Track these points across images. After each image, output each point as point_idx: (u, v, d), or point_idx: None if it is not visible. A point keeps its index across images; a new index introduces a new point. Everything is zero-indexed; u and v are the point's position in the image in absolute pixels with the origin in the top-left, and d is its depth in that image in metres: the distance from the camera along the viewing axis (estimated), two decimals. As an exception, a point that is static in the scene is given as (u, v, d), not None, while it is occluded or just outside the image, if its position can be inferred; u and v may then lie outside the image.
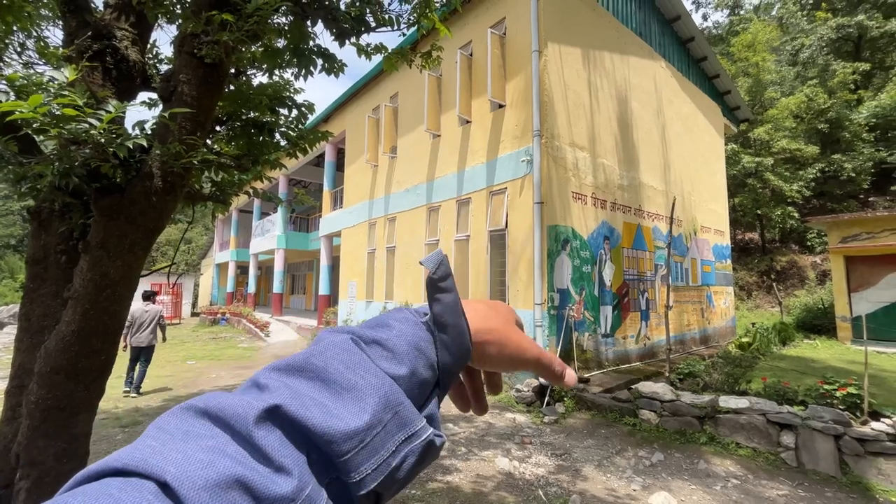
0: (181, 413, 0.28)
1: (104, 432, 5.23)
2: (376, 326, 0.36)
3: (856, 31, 20.14)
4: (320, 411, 0.28)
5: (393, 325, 0.36)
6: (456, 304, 0.37)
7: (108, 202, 1.89)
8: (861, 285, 11.31)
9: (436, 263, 0.38)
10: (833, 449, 4.18)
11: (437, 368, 0.36)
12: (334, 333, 0.35)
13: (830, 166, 17.91)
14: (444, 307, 0.37)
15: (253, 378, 0.31)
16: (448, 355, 0.37)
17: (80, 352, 1.89)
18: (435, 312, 0.37)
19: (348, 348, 0.33)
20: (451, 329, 0.37)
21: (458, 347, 0.37)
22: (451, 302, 0.37)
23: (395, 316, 0.38)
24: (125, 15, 2.44)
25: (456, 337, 0.37)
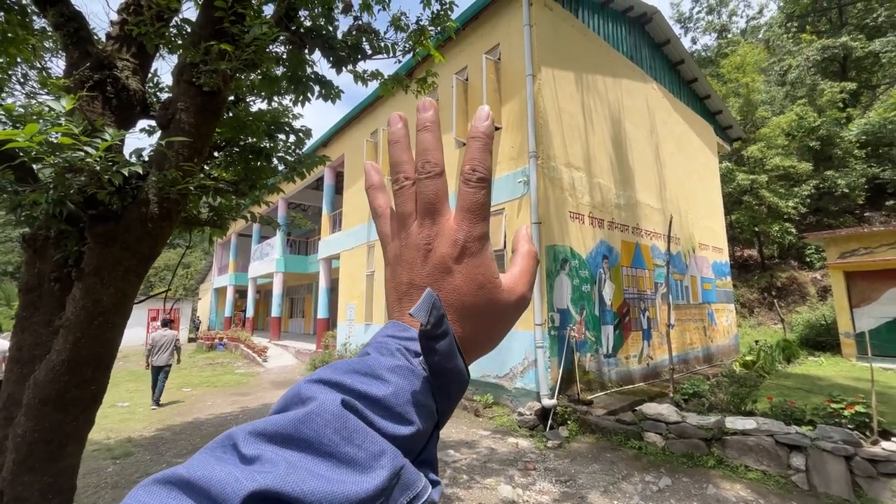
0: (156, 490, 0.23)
1: (94, 465, 5.08)
2: (367, 376, 0.31)
3: (841, 52, 20.71)
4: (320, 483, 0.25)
5: (387, 378, 0.31)
6: (452, 348, 0.33)
7: (104, 229, 1.89)
8: (862, 301, 11.26)
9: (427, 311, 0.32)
10: (844, 471, 4.06)
11: (436, 414, 0.33)
12: (320, 389, 0.30)
13: (824, 182, 18.10)
14: (441, 356, 0.33)
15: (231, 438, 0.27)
16: (447, 400, 0.34)
17: (70, 382, 1.85)
18: (431, 364, 0.33)
19: (341, 415, 0.28)
20: (448, 373, 0.33)
21: (457, 387, 0.34)
22: (446, 348, 0.33)
23: (385, 364, 0.32)
24: (126, 46, 2.49)
25: (454, 379, 0.34)
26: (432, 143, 0.38)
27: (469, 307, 0.36)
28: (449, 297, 0.36)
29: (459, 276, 0.36)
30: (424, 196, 0.37)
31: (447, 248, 0.36)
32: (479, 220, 0.37)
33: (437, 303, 0.32)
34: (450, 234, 0.36)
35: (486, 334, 0.38)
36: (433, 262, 0.37)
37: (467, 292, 0.36)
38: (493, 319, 0.38)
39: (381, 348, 0.34)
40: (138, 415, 7.68)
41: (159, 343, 8.30)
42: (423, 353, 0.33)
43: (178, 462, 5.06)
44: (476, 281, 0.36)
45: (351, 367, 0.32)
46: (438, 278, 0.36)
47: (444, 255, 0.36)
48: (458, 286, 0.36)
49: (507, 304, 0.38)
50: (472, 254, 0.36)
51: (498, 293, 0.37)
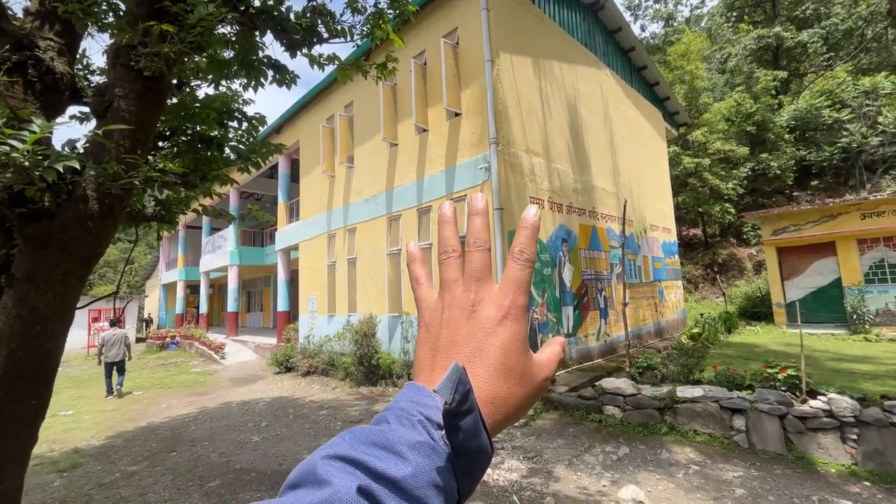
0: None
1: (37, 480, 4.72)
2: (386, 450, 0.30)
3: (774, 42, 22.15)
4: None
5: (407, 455, 0.30)
6: (477, 425, 0.32)
7: (36, 229, 1.72)
8: (792, 273, 12.35)
9: (452, 387, 0.31)
10: (779, 428, 4.50)
11: (457, 495, 0.32)
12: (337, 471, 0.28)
13: (759, 165, 19.51)
14: (466, 434, 0.31)
15: None
16: (469, 479, 0.33)
17: (6, 398, 1.69)
18: (455, 444, 0.32)
19: None
20: (472, 452, 0.32)
21: (480, 466, 0.33)
22: (471, 425, 0.31)
23: (406, 439, 0.31)
24: (49, 23, 2.24)
25: (477, 458, 0.33)
26: (482, 226, 0.42)
27: (507, 369, 0.38)
28: (488, 353, 0.38)
29: (501, 337, 0.38)
30: (472, 265, 0.41)
31: (492, 311, 0.39)
32: (523, 293, 0.40)
33: (463, 377, 0.32)
34: (495, 300, 0.40)
35: (512, 403, 0.38)
36: (477, 322, 0.39)
37: (507, 353, 0.38)
38: (523, 387, 0.39)
39: (401, 417, 0.33)
40: (84, 423, 7.19)
41: (109, 341, 9.00)
42: (446, 432, 0.32)
43: (132, 471, 4.81)
44: (517, 345, 0.39)
45: (370, 439, 0.31)
46: (480, 337, 0.38)
47: (489, 316, 0.39)
48: (499, 346, 0.38)
49: (537, 377, 0.40)
50: (514, 319, 0.39)
51: (532, 363, 0.40)
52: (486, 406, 0.36)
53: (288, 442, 5.57)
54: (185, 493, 4.26)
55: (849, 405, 4.27)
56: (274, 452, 5.21)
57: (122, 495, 4.28)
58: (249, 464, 4.89)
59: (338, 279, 10.67)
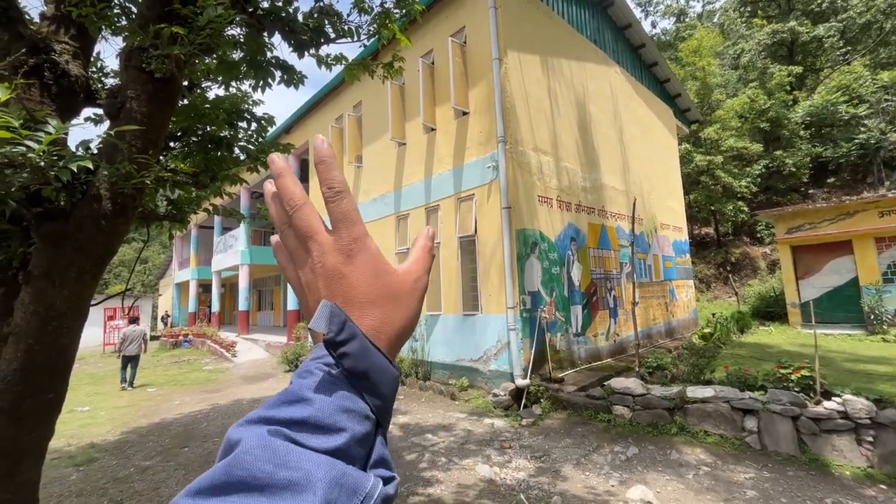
0: None
1: (55, 473, 4.84)
2: (292, 402, 0.32)
3: (789, 37, 21.73)
4: None
5: (310, 396, 0.32)
6: (363, 346, 0.35)
7: (52, 228, 1.76)
8: (807, 273, 12.11)
9: (326, 319, 0.34)
10: (792, 430, 4.42)
11: (372, 414, 0.34)
12: (247, 429, 0.30)
13: (773, 162, 19.16)
14: (354, 358, 0.34)
15: None
16: (378, 397, 0.35)
17: (24, 392, 1.74)
18: (348, 368, 0.34)
19: (269, 444, 0.29)
20: (370, 372, 0.34)
21: (386, 382, 0.36)
22: (357, 348, 0.34)
23: (306, 385, 0.33)
24: (64, 27, 2.29)
25: (379, 374, 0.35)
26: (290, 184, 0.40)
27: (370, 297, 0.39)
28: (348, 293, 0.38)
29: (353, 275, 0.39)
30: (298, 227, 0.40)
31: (333, 258, 0.39)
32: (351, 225, 0.39)
33: (335, 310, 0.34)
34: (331, 246, 0.39)
35: (396, 319, 0.39)
36: (326, 274, 0.39)
37: (363, 283, 0.39)
38: (396, 302, 0.40)
39: (301, 373, 0.35)
40: (100, 419, 7.35)
41: (130, 337, 9.88)
42: (335, 361, 0.34)
43: (146, 465, 4.90)
44: (368, 272, 0.39)
45: (277, 400, 0.33)
46: (335, 285, 0.39)
47: (333, 263, 0.39)
48: (353, 283, 0.38)
49: (406, 285, 0.41)
50: (357, 252, 0.39)
51: (393, 278, 0.40)
52: (372, 332, 0.37)
53: (297, 439, 5.62)
54: (197, 487, 4.33)
55: (864, 406, 4.18)
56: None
57: (136, 489, 4.37)
58: (260, 460, 4.95)
59: (347, 278, 10.73)
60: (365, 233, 0.40)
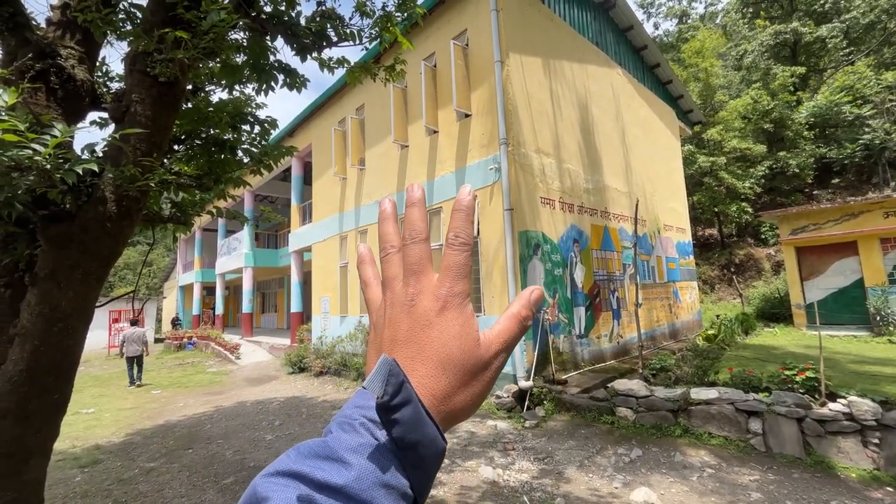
0: None
1: (60, 475, 4.87)
2: (328, 460, 0.29)
3: (792, 37, 21.67)
4: None
5: (349, 460, 0.29)
6: (417, 415, 0.31)
7: (57, 230, 1.79)
8: (812, 274, 12.03)
9: (382, 380, 0.30)
10: (797, 432, 4.39)
11: (410, 491, 0.31)
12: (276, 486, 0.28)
13: (777, 163, 19.08)
14: (406, 427, 0.30)
15: None
16: (420, 473, 0.31)
17: (30, 392, 1.76)
18: (396, 437, 0.30)
19: None
20: (417, 445, 0.31)
21: (432, 458, 0.32)
22: (410, 417, 0.30)
23: (347, 443, 0.30)
24: (70, 32, 2.33)
25: (426, 447, 0.31)
26: (418, 216, 0.41)
27: (445, 360, 0.36)
28: (426, 349, 0.36)
29: (438, 328, 0.36)
30: (409, 258, 0.39)
31: (429, 303, 0.37)
32: (461, 279, 0.38)
33: (394, 369, 0.31)
34: (432, 290, 0.38)
35: (463, 392, 0.36)
36: (415, 316, 0.37)
37: (445, 343, 0.36)
38: (469, 375, 0.37)
39: (343, 424, 0.32)
40: (105, 420, 7.39)
41: (130, 338, 10.49)
42: (383, 426, 0.31)
43: (150, 467, 4.92)
44: (454, 332, 0.37)
45: (312, 451, 0.30)
46: (419, 332, 0.37)
47: (427, 308, 0.37)
48: (435, 338, 0.36)
49: (483, 360, 0.38)
50: (453, 308, 0.37)
51: (475, 347, 0.37)
52: (429, 400, 0.34)
53: (301, 441, 5.61)
54: (200, 489, 4.35)
55: (870, 408, 4.15)
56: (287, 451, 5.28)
57: (140, 490, 4.39)
58: (263, 462, 4.97)
59: (350, 280, 10.76)
60: (468, 293, 0.39)
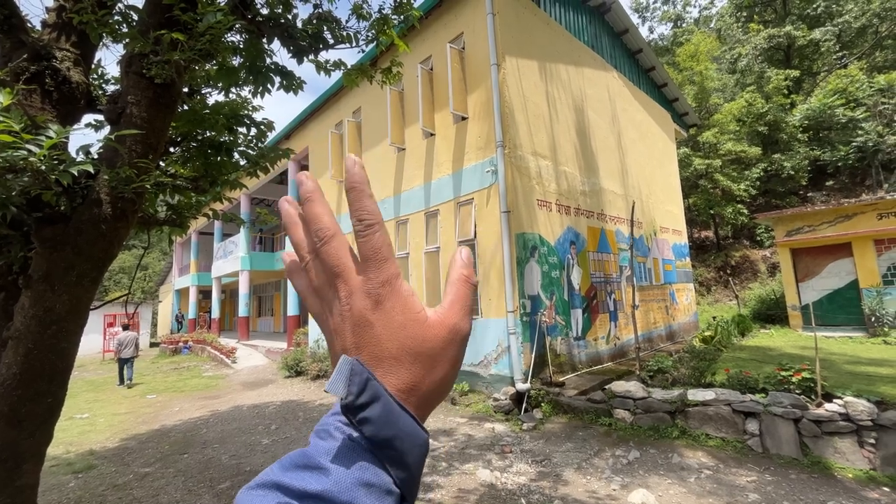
0: None
1: (54, 481, 4.82)
2: (308, 468, 0.29)
3: (785, 41, 21.89)
4: None
5: (326, 465, 0.29)
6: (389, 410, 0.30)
7: (52, 232, 1.77)
8: (807, 275, 12.11)
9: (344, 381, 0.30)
10: (794, 432, 4.40)
11: (396, 487, 0.30)
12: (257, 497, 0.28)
13: (772, 165, 19.22)
14: (377, 424, 0.30)
15: None
16: (403, 467, 0.30)
17: (24, 396, 1.74)
18: (368, 436, 0.29)
19: None
20: (395, 439, 0.30)
21: (414, 450, 0.31)
22: (381, 413, 0.30)
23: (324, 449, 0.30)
24: (66, 35, 2.32)
25: (406, 441, 0.30)
26: (319, 211, 0.36)
27: (396, 352, 0.34)
28: (375, 349, 0.34)
29: (379, 324, 0.34)
30: (326, 263, 0.36)
31: (361, 301, 0.34)
32: (381, 263, 0.35)
33: (356, 367, 0.30)
34: (359, 287, 0.35)
35: (428, 376, 0.34)
36: (354, 320, 0.35)
37: (390, 337, 0.34)
38: (427, 358, 0.35)
39: (320, 432, 0.31)
40: (99, 425, 7.32)
41: (124, 342, 11.40)
42: (354, 427, 0.30)
43: (145, 472, 4.88)
44: (396, 323, 0.34)
45: (292, 462, 0.30)
46: (362, 334, 0.34)
47: (361, 309, 0.34)
48: (379, 335, 0.34)
49: (438, 338, 0.35)
50: (385, 298, 0.34)
51: (424, 329, 0.35)
52: (397, 394, 0.33)
53: (297, 445, 5.60)
54: (196, 494, 4.31)
55: (866, 408, 4.17)
56: (283, 455, 5.24)
57: (135, 496, 4.35)
58: (259, 466, 4.93)
59: (347, 283, 10.73)
60: (396, 273, 0.35)
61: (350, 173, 0.36)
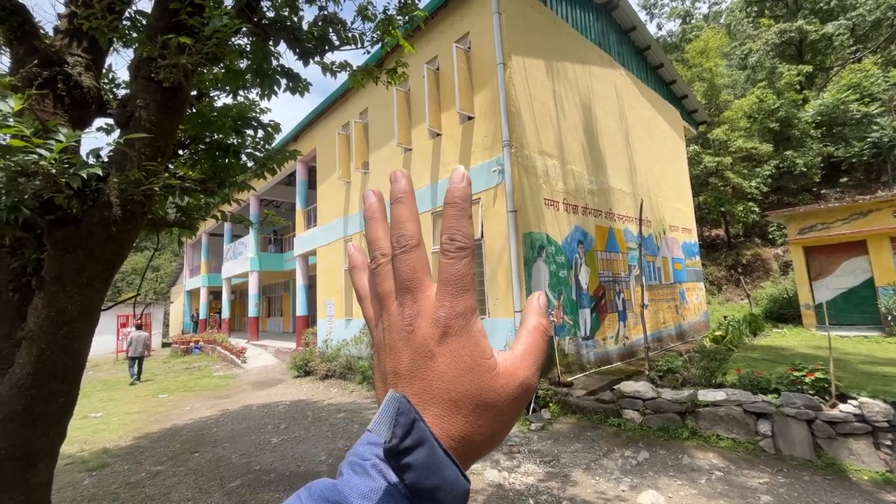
0: None
1: (69, 478, 4.91)
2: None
3: (797, 36, 21.53)
4: None
5: None
6: (434, 458, 0.27)
7: (64, 234, 1.81)
8: (820, 274, 11.89)
9: (390, 422, 0.27)
10: (807, 434, 4.33)
11: None
12: None
13: (784, 162, 18.92)
14: (420, 471, 0.27)
15: None
16: None
17: (37, 395, 1.77)
18: (409, 484, 0.27)
19: None
20: (438, 490, 0.27)
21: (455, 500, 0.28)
22: (425, 460, 0.27)
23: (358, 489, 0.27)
24: (77, 40, 2.36)
25: (448, 491, 0.27)
26: (406, 216, 0.34)
27: (457, 398, 0.31)
28: (433, 386, 0.31)
29: (443, 360, 0.31)
30: (401, 273, 0.33)
31: (428, 329, 0.32)
32: (462, 294, 0.32)
33: (403, 407, 0.28)
34: (431, 313, 0.32)
35: (483, 429, 0.31)
36: (415, 345, 0.32)
37: (453, 379, 0.31)
38: (488, 410, 0.31)
39: (354, 465, 0.29)
40: (112, 424, 7.44)
41: (135, 341, 12.13)
42: (394, 472, 0.27)
43: (157, 470, 4.95)
44: (462, 364, 0.31)
45: (322, 495, 0.28)
46: (422, 365, 0.31)
47: (426, 336, 0.31)
48: (442, 373, 0.31)
49: (504, 392, 0.32)
50: (456, 333, 0.32)
51: (491, 378, 0.32)
52: (446, 441, 0.30)
53: (306, 444, 5.64)
54: (206, 492, 4.36)
55: (882, 409, 4.08)
56: (292, 454, 5.29)
57: (147, 494, 4.41)
58: (269, 465, 4.97)
59: (354, 284, 10.77)
60: (474, 308, 0.32)
61: (455, 188, 0.33)
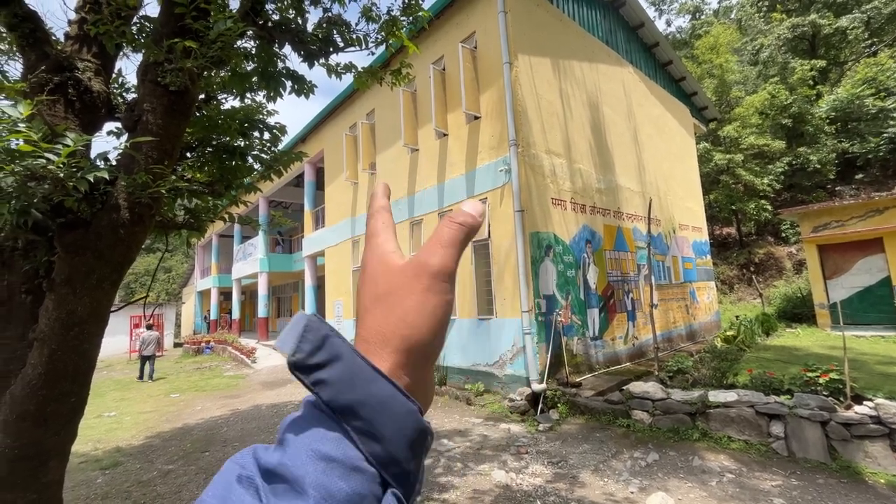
0: None
1: (82, 477, 4.99)
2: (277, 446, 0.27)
3: (810, 30, 21.14)
4: None
5: (286, 436, 0.26)
6: (355, 373, 0.27)
7: (73, 237, 1.83)
8: (835, 272, 11.67)
9: (296, 339, 0.27)
10: (821, 435, 4.25)
11: (371, 465, 0.26)
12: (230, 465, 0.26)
13: (797, 159, 18.59)
14: (335, 386, 0.26)
15: None
16: (376, 441, 0.26)
17: (49, 395, 1.80)
18: (327, 400, 0.26)
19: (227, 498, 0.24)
20: (361, 406, 0.26)
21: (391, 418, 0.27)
22: (343, 375, 0.26)
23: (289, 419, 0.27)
24: (87, 46, 2.40)
25: (377, 408, 0.26)
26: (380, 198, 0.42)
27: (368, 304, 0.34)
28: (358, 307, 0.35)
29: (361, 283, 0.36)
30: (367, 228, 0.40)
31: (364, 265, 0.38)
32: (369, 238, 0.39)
33: (312, 323, 0.28)
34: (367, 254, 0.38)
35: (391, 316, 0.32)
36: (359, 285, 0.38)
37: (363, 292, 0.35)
38: (388, 297, 0.33)
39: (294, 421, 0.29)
40: (125, 424, 7.55)
41: (146, 340, 12.47)
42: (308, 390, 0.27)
43: (168, 469, 5.01)
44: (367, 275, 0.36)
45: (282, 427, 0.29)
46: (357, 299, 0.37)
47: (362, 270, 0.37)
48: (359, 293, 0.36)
49: (402, 275, 0.33)
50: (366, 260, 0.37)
51: (390, 272, 0.34)
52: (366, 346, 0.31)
53: (314, 444, 5.67)
54: (216, 491, 4.40)
55: (899, 411, 3.99)
56: (301, 454, 5.32)
57: (158, 492, 4.47)
58: (277, 464, 5.01)
59: (362, 284, 10.82)
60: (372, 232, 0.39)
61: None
